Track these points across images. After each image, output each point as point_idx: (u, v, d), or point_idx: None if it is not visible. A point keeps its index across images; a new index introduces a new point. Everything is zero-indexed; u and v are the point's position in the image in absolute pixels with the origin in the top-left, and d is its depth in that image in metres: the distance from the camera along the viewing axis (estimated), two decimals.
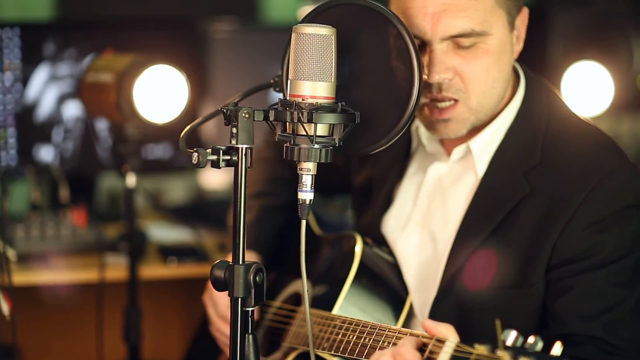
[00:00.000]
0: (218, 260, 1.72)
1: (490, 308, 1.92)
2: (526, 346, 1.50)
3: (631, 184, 1.92)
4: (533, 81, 2.04)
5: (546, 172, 1.93)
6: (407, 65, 1.73)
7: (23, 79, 3.28)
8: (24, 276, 2.85)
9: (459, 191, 2.02)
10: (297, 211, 1.73)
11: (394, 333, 1.78)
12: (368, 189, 2.19)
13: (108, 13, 3.75)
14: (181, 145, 1.71)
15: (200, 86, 3.40)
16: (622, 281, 1.88)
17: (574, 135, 1.98)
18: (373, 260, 2.08)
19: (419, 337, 1.67)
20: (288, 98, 1.70)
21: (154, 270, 3.00)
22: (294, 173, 2.36)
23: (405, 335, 1.73)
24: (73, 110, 3.34)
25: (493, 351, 1.50)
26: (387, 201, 2.15)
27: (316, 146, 1.68)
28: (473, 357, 1.53)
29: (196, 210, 3.52)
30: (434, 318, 1.94)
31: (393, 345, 1.75)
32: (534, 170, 1.94)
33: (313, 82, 1.67)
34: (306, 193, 1.71)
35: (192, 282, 2.67)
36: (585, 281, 1.87)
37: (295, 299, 2.19)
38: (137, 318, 2.67)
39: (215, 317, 2.22)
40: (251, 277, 1.67)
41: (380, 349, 1.78)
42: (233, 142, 1.66)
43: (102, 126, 3.37)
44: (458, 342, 1.59)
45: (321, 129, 1.69)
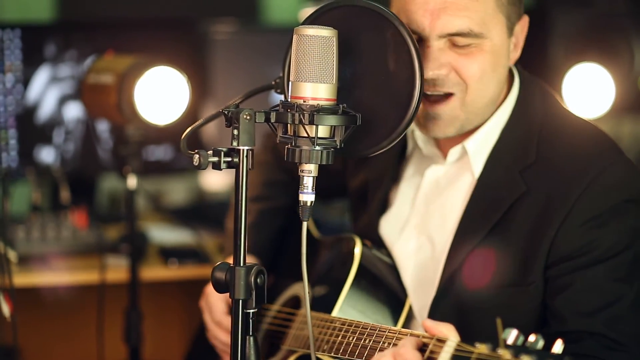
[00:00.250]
0: (219, 262, 1.72)
1: (489, 307, 1.92)
2: (527, 344, 1.50)
3: (627, 179, 1.92)
4: (527, 80, 2.04)
5: (542, 170, 1.93)
6: (409, 67, 1.73)
7: (24, 81, 3.28)
8: (25, 277, 2.85)
9: (456, 192, 2.02)
10: (295, 214, 1.73)
11: (394, 334, 1.78)
12: (364, 192, 2.19)
13: (109, 14, 3.74)
14: (182, 146, 1.71)
15: (201, 87, 3.40)
16: (621, 276, 1.88)
17: (569, 132, 1.98)
18: (372, 262, 2.08)
19: (420, 337, 1.67)
20: (289, 100, 1.70)
21: (155, 271, 3.00)
22: (291, 177, 2.38)
23: (405, 335, 1.73)
24: (74, 111, 3.34)
25: (494, 350, 1.49)
26: (384, 204, 2.15)
27: (317, 148, 1.68)
28: (474, 357, 1.53)
29: (197, 211, 3.52)
30: (434, 318, 1.94)
31: (393, 346, 1.75)
32: (530, 168, 1.94)
33: (314, 84, 1.67)
34: (307, 195, 1.71)
35: (193, 284, 2.67)
36: (584, 277, 1.88)
37: (294, 302, 2.19)
38: (138, 319, 2.67)
39: (211, 324, 2.22)
40: (252, 279, 1.67)
41: (380, 350, 1.78)
42: (234, 144, 1.66)
43: (103, 127, 3.37)
44: (459, 342, 1.59)
45: (322, 131, 1.69)
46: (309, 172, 1.70)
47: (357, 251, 2.05)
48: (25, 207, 3.34)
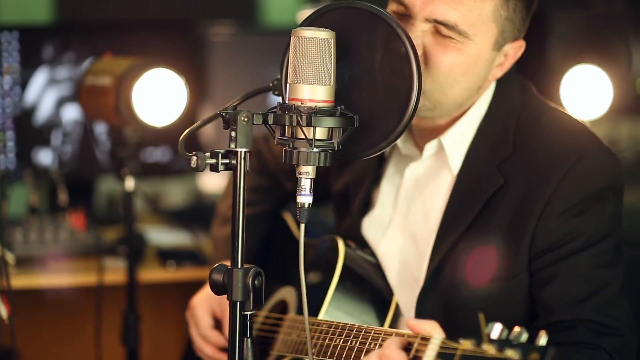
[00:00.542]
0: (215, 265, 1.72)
1: (475, 302, 1.92)
2: (511, 337, 1.50)
3: (605, 166, 1.92)
4: (505, 75, 2.02)
5: (519, 162, 1.93)
6: (407, 68, 1.72)
7: (22, 83, 3.28)
8: (23, 280, 2.85)
9: (437, 190, 2.02)
10: (279, 220, 1.72)
11: (380, 334, 1.78)
12: (346, 195, 2.19)
13: (107, 16, 3.75)
14: (180, 148, 1.71)
15: (199, 89, 3.40)
16: (606, 262, 1.89)
17: (545, 123, 1.98)
18: (356, 262, 2.07)
19: (404, 337, 1.67)
20: (287, 101, 1.69)
21: (153, 273, 3.00)
22: (274, 182, 2.37)
23: (390, 335, 1.73)
24: (72, 113, 3.34)
25: (478, 345, 1.49)
26: (366, 205, 2.15)
27: (315, 150, 1.68)
28: (459, 353, 1.52)
29: (195, 213, 3.52)
30: (420, 316, 1.96)
31: (379, 346, 1.75)
32: (507, 161, 1.94)
33: (312, 86, 1.67)
34: (305, 197, 1.70)
35: (191, 286, 2.66)
36: (568, 267, 1.88)
37: (281, 307, 2.18)
38: (136, 321, 2.66)
39: (197, 338, 2.21)
40: (250, 281, 1.67)
41: (367, 351, 1.78)
42: (232, 146, 1.66)
43: (101, 129, 3.37)
44: (443, 339, 1.59)
45: (320, 133, 1.68)
46: (307, 174, 1.69)
47: (341, 252, 2.04)
48: (23, 209, 3.34)
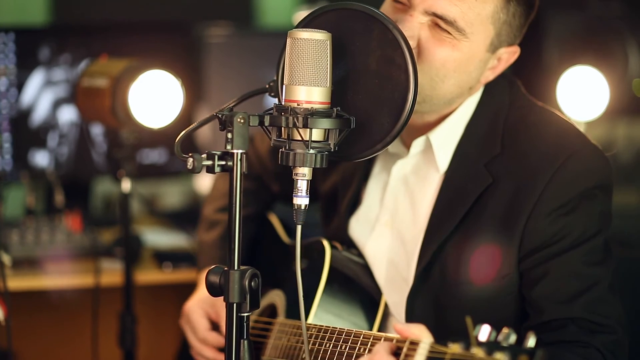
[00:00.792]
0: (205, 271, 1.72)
1: (465, 302, 1.92)
2: (500, 339, 1.49)
3: (593, 165, 1.92)
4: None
5: (508, 161, 1.94)
6: (403, 70, 1.72)
7: (18, 84, 3.27)
8: (19, 281, 2.85)
9: (424, 189, 2.02)
10: (265, 223, 1.72)
11: (369, 339, 1.77)
12: (334, 195, 2.19)
13: (103, 18, 3.74)
14: (176, 150, 1.71)
15: (195, 91, 3.40)
16: (595, 260, 1.89)
17: (533, 122, 1.98)
18: (343, 264, 2.07)
19: (393, 342, 1.67)
20: (283, 103, 1.70)
21: (149, 275, 3.00)
22: (259, 184, 2.37)
23: (379, 340, 1.73)
24: (68, 115, 3.34)
25: (467, 349, 1.49)
26: (353, 205, 2.15)
27: (311, 151, 1.68)
28: (448, 357, 1.52)
29: (191, 215, 3.51)
30: (410, 316, 1.95)
31: (369, 351, 1.75)
32: (495, 160, 1.94)
33: (308, 87, 1.67)
34: (301, 198, 1.70)
35: (187, 288, 2.66)
36: (558, 265, 1.88)
37: (270, 311, 2.17)
38: (132, 323, 2.66)
39: (195, 342, 2.20)
40: (246, 283, 1.67)
41: (357, 356, 1.78)
42: (228, 147, 1.66)
43: (97, 131, 3.37)
44: (432, 343, 1.58)
45: (316, 134, 1.68)
46: (303, 176, 1.70)
47: (327, 255, 2.04)
48: (19, 211, 3.34)
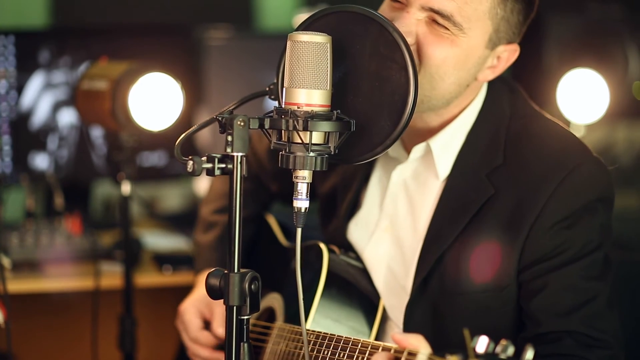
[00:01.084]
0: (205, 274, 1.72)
1: (463, 312, 1.92)
2: (498, 351, 1.49)
3: (595, 179, 1.92)
4: (496, 81, 2.02)
5: (510, 173, 1.93)
6: (403, 72, 1.72)
7: (18, 87, 3.27)
8: (19, 284, 2.85)
9: (425, 196, 2.02)
10: (262, 225, 1.71)
11: (367, 347, 1.77)
12: (333, 198, 2.18)
13: (103, 21, 3.74)
14: (176, 153, 1.71)
15: (195, 94, 3.40)
16: (595, 275, 1.89)
17: (536, 133, 1.97)
18: (341, 268, 2.06)
19: (391, 352, 1.66)
20: (283, 106, 1.69)
21: (149, 278, 3.00)
22: (257, 184, 2.36)
23: (377, 350, 1.72)
24: (68, 117, 3.33)
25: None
26: (352, 208, 2.14)
27: (312, 154, 1.68)
28: None
29: (191, 218, 3.49)
30: (408, 325, 1.95)
31: None
32: (497, 170, 1.94)
33: (308, 90, 1.67)
34: (301, 201, 1.70)
35: (187, 290, 2.65)
36: (557, 278, 1.88)
37: (268, 315, 2.16)
38: (132, 326, 2.66)
39: (188, 342, 2.20)
40: (246, 286, 1.66)
41: None
42: (228, 150, 1.65)
43: (97, 134, 3.37)
44: (430, 354, 1.58)
45: (316, 137, 1.68)
46: (303, 179, 1.69)
47: (325, 259, 2.03)
48: (19, 214, 3.33)
